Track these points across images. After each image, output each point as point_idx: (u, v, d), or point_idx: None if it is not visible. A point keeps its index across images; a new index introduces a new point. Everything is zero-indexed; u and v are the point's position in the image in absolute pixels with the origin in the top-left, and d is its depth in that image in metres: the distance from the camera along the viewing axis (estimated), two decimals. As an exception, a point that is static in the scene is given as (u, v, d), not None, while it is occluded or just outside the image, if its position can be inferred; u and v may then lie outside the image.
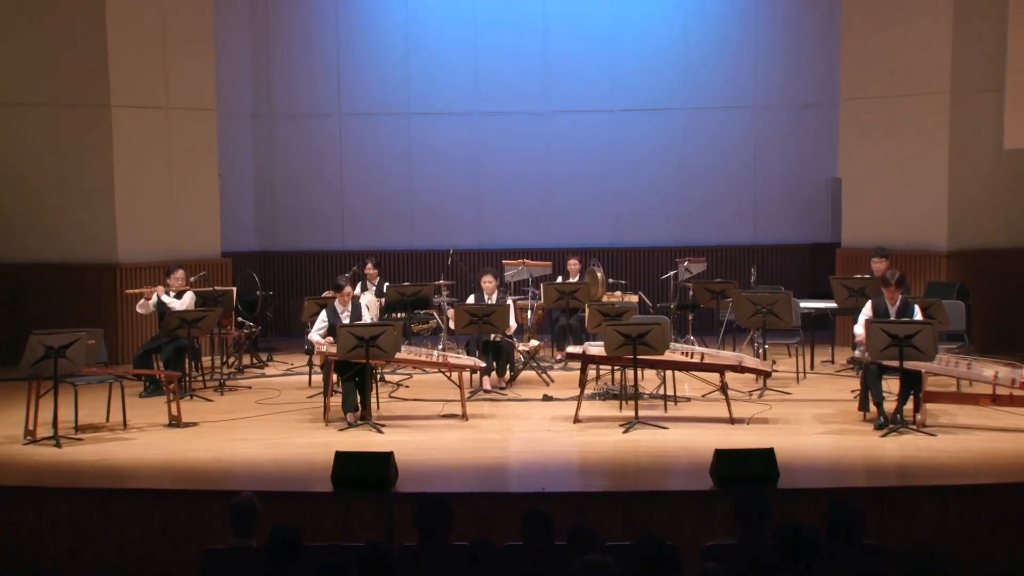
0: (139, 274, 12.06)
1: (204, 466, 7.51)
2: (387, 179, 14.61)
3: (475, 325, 9.78)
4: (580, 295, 11.09)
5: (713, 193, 14.40)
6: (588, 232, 14.40)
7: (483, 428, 8.61)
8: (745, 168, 14.42)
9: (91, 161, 12.02)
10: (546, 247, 14.31)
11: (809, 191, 14.44)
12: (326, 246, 14.71)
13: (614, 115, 14.45)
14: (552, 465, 7.52)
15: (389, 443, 7.77)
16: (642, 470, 7.35)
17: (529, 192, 14.52)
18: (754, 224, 14.48)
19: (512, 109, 14.52)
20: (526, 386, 10.35)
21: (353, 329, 8.45)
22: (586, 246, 14.07)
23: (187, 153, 12.64)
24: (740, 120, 14.39)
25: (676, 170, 14.41)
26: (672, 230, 14.40)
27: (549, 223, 14.53)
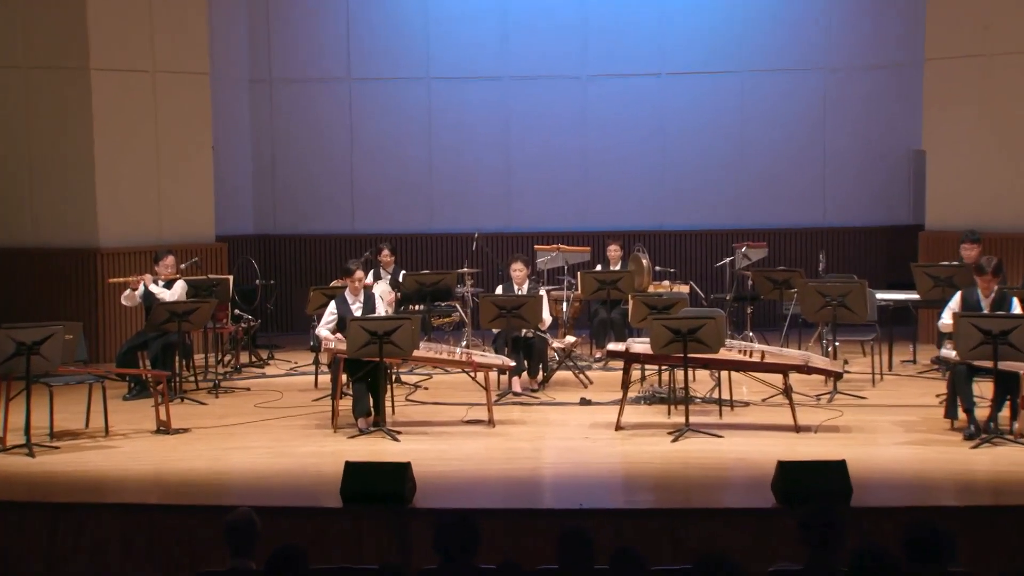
0: (123, 261, 12.15)
1: (197, 478, 7.54)
2: (403, 153, 14.63)
3: (503, 319, 9.77)
4: (622, 285, 11.06)
5: (775, 168, 14.30)
6: (632, 213, 14.36)
7: (512, 436, 8.60)
8: (813, 140, 14.30)
9: (68, 132, 12.10)
10: (584, 230, 14.28)
11: (887, 166, 14.30)
12: (334, 229, 14.76)
13: (661, 79, 14.38)
14: (591, 478, 7.51)
15: (406, 452, 7.78)
16: (694, 484, 7.33)
17: (564, 168, 14.49)
18: (823, 204, 14.37)
19: (545, 73, 14.50)
20: (561, 388, 10.34)
21: (365, 323, 8.46)
22: (629, 229, 14.03)
23: (177, 123, 12.70)
24: (807, 84, 14.27)
25: (732, 142, 14.33)
26: (728, 211, 14.33)
27: (587, 203, 14.50)
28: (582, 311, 12.34)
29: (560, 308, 11.76)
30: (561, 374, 10.69)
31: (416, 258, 14.47)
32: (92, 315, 11.97)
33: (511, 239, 14.37)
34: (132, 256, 12.21)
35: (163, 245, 11.83)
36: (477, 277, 12.84)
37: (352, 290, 9.24)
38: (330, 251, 14.69)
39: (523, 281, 10.41)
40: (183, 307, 9.87)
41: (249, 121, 14.71)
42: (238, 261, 13.28)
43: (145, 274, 10.57)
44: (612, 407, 9.13)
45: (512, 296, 10.02)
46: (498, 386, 10.22)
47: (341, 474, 6.84)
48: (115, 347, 11.44)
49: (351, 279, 9.21)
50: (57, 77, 12.05)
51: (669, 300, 9.72)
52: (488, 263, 13.49)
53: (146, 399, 9.82)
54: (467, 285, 11.84)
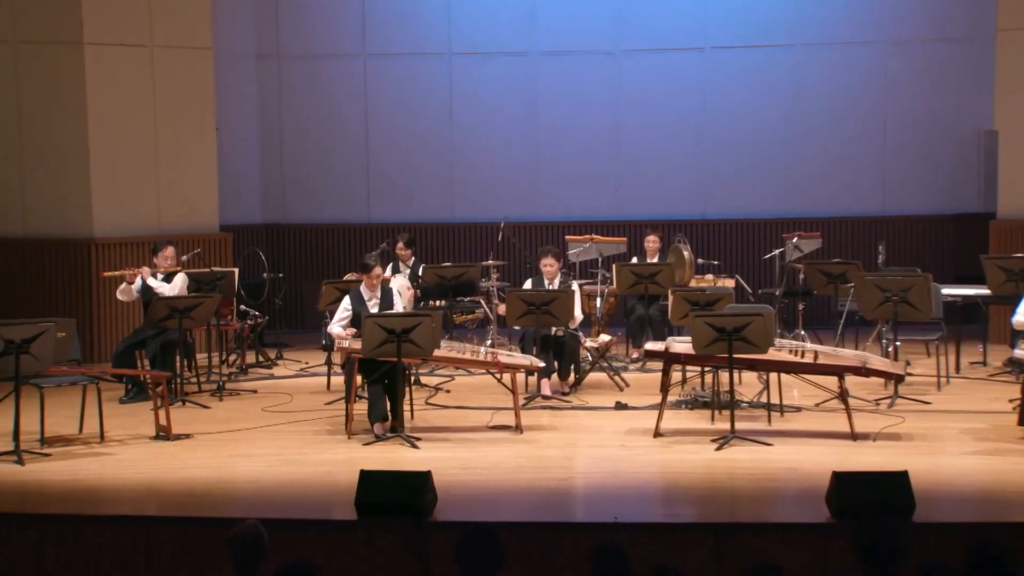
0: (119, 252, 12.21)
1: (199, 488, 7.57)
2: (423, 135, 14.65)
3: (532, 316, 9.76)
4: (662, 279, 11.04)
5: (830, 151, 14.21)
6: (672, 201, 14.31)
7: (541, 443, 8.60)
8: (871, 120, 14.20)
9: (59, 112, 12.17)
10: (620, 219, 14.25)
11: (954, 148, 14.19)
12: (348, 218, 14.79)
13: (705, 54, 14.32)
14: (627, 489, 7.50)
15: (426, 460, 7.78)
16: (740, 497, 7.30)
17: (598, 151, 14.46)
18: (882, 190, 14.28)
19: (576, 47, 14.47)
20: (595, 391, 10.32)
21: (382, 320, 8.48)
22: (669, 218, 13.98)
23: (178, 103, 12.75)
24: (865, 59, 14.16)
25: (783, 123, 14.24)
26: (778, 198, 14.25)
27: (623, 190, 14.47)
28: (617, 307, 12.31)
29: (593, 304, 11.74)
30: (594, 376, 10.67)
31: (437, 250, 14.47)
32: (86, 311, 12.04)
33: (540, 229, 14.35)
34: (129, 247, 12.28)
35: (162, 235, 11.88)
36: (503, 270, 12.83)
37: (369, 286, 9.25)
38: (344, 242, 14.72)
39: (554, 275, 10.39)
40: (184, 302, 9.91)
41: (256, 100, 14.75)
42: (244, 253, 13.33)
43: (143, 267, 10.62)
44: (650, 412, 9.11)
45: (541, 291, 10.01)
46: (526, 389, 10.22)
47: (355, 484, 6.85)
48: (111, 346, 11.51)
49: (369, 276, 9.22)
50: (48, 52, 12.12)
51: (713, 295, 9.68)
52: (515, 255, 13.47)
53: (144, 402, 9.87)
54: (492, 279, 11.83)
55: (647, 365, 11.18)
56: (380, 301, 9.25)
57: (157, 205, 12.63)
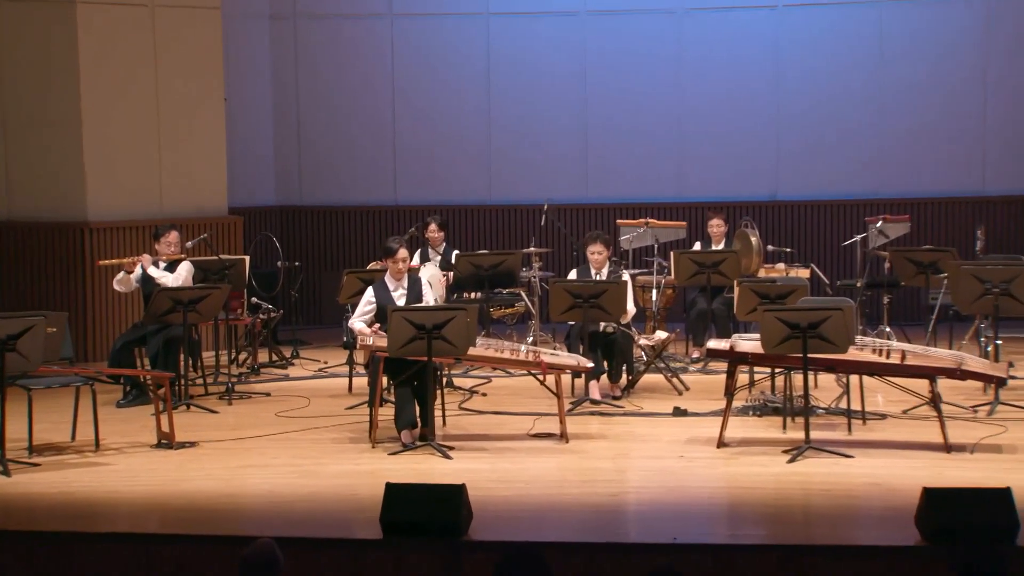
0: (116, 237, 12.28)
1: (206, 502, 7.59)
2: (457, 106, 14.65)
3: (579, 310, 9.74)
4: (726, 268, 10.99)
5: (922, 123, 14.08)
6: (738, 179, 14.26)
7: (590, 453, 8.58)
8: (971, 87, 14.05)
9: (49, 78, 12.24)
10: (679, 201, 14.20)
11: (1067, 119, 14.03)
12: (373, 200, 14.81)
13: (777, 13, 14.23)
14: (687, 507, 7.47)
15: (460, 473, 7.78)
16: (815, 515, 7.26)
17: (656, 124, 14.41)
18: (982, 167, 14.13)
19: (631, 6, 14.42)
20: (650, 395, 10.30)
21: (410, 314, 8.47)
22: (736, 199, 13.94)
23: (181, 68, 12.81)
24: (964, 16, 14.01)
25: (867, 90, 14.13)
26: (861, 176, 14.14)
27: (683, 167, 14.41)
28: (676, 300, 12.26)
29: (648, 297, 11.69)
30: (649, 378, 10.64)
31: (472, 235, 14.47)
32: (79, 304, 12.12)
33: (588, 211, 14.32)
34: (127, 232, 12.34)
35: (165, 219, 11.94)
36: (546, 258, 12.81)
37: (394, 274, 9.25)
38: (368, 226, 14.75)
39: (603, 264, 10.36)
40: (189, 294, 9.95)
41: (269, 66, 14.80)
42: (256, 238, 13.37)
43: (143, 254, 10.67)
44: (713, 419, 9.07)
45: (589, 282, 9.98)
46: (572, 392, 10.20)
47: (380, 499, 6.85)
48: (107, 343, 11.58)
49: (393, 260, 9.21)
50: (37, 12, 12.19)
51: (784, 287, 9.63)
52: (560, 241, 13.44)
53: (144, 406, 9.92)
54: (534, 268, 11.80)
55: (709, 366, 11.13)
56: (408, 292, 9.24)
57: (159, 185, 12.69)
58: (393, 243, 9.25)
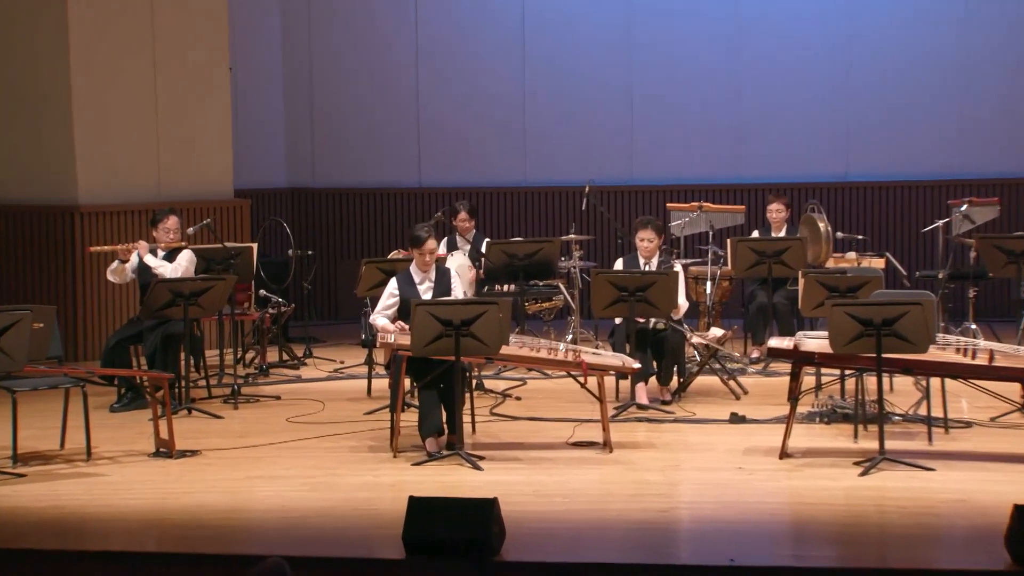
0: (110, 223, 12.31)
1: (209, 518, 7.61)
2: (488, 77, 14.63)
3: (625, 304, 9.72)
4: (789, 258, 10.96)
5: (1013, 92, 13.96)
6: (804, 157, 14.21)
7: (637, 464, 8.56)
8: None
9: (35, 48, 12.27)
10: (737, 182, 14.15)
11: None
12: (394, 181, 14.82)
13: (848, -35, 14.19)
14: (746, 525, 7.44)
15: (491, 485, 7.76)
16: (892, 536, 7.23)
17: (712, 95, 14.38)
18: (1083, 143, 14.04)
19: (684, -37, 14.40)
20: (704, 400, 10.28)
21: (437, 309, 8.47)
22: (801, 180, 13.89)
23: (182, 35, 12.84)
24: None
25: (952, 57, 14.04)
26: (943, 153, 14.05)
27: (741, 144, 14.36)
28: (733, 293, 12.22)
29: (703, 289, 11.66)
30: (704, 380, 10.62)
31: (505, 220, 14.46)
32: (69, 296, 12.16)
33: (635, 194, 14.28)
34: (122, 217, 12.37)
35: (164, 202, 11.96)
36: (588, 246, 12.78)
37: (421, 265, 9.24)
38: (389, 211, 14.75)
39: (653, 253, 10.33)
40: (191, 286, 9.97)
41: (279, 32, 14.83)
42: (265, 224, 13.39)
43: (139, 241, 10.70)
44: (775, 427, 9.06)
45: (637, 273, 9.95)
46: (616, 396, 10.18)
47: (403, 514, 6.85)
48: (100, 340, 11.61)
49: (420, 251, 9.20)
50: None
51: (856, 279, 9.58)
52: (603, 227, 13.40)
53: (141, 410, 9.95)
54: (574, 257, 11.78)
55: (771, 367, 11.12)
56: (435, 285, 9.24)
57: (156, 164, 12.72)
58: (422, 232, 9.22)
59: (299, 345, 12.49)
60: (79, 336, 12.14)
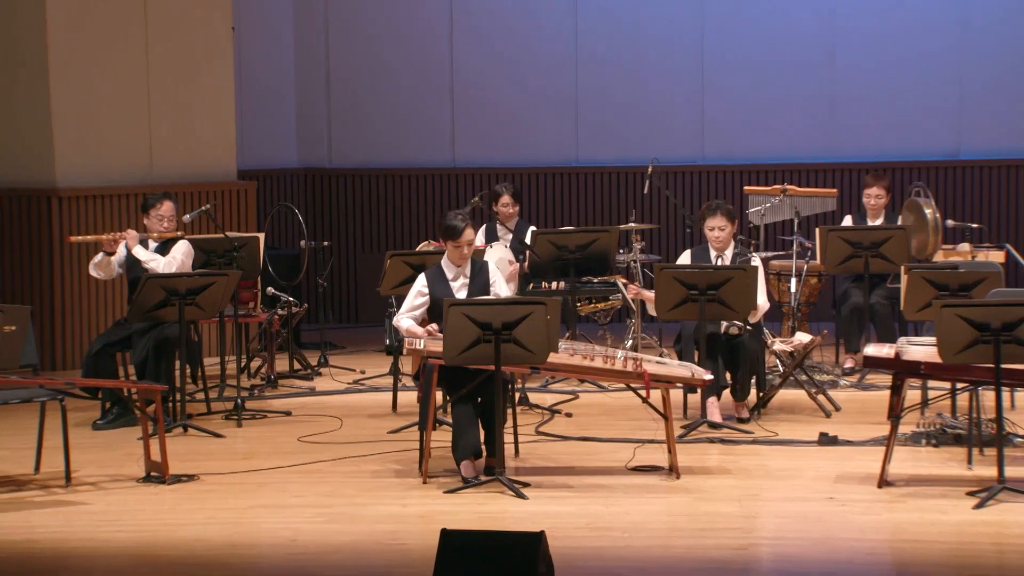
0: (93, 208, 12.34)
1: (208, 554, 7.61)
2: (534, 37, 14.60)
3: (694, 304, 9.69)
4: (890, 250, 10.93)
5: None
6: (907, 133, 14.16)
7: (708, 494, 8.53)
8: None
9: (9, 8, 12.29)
10: (828, 161, 14.09)
11: None
12: (424, 160, 14.81)
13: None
14: (838, 565, 7.41)
15: (537, 517, 7.76)
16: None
17: (797, 57, 14.33)
18: None
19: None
20: (788, 418, 10.27)
21: (473, 310, 8.45)
22: (904, 159, 13.80)
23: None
24: None
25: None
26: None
27: (832, 116, 14.31)
28: (823, 292, 12.15)
29: (786, 287, 11.60)
30: (787, 394, 10.60)
31: (554, 206, 14.44)
32: (46, 294, 12.20)
33: (706, 175, 14.23)
34: (107, 202, 12.40)
35: (156, 185, 11.99)
36: (651, 237, 12.75)
37: (455, 259, 9.22)
38: (418, 195, 14.75)
39: (726, 244, 10.29)
40: (187, 283, 9.98)
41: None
42: (273, 210, 13.40)
43: (128, 230, 10.71)
44: (873, 449, 9.04)
45: (708, 268, 9.91)
46: (684, 412, 10.18)
47: (434, 550, 6.83)
48: (82, 345, 11.64)
49: (456, 243, 9.17)
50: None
51: (970, 275, 9.54)
52: (668, 214, 13.36)
53: (129, 428, 9.98)
54: (635, 249, 11.74)
55: (867, 379, 11.08)
56: (470, 281, 9.23)
57: (148, 141, 12.74)
58: (458, 221, 9.17)
59: (313, 352, 12.51)
60: (57, 341, 12.17)
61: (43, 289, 12.21)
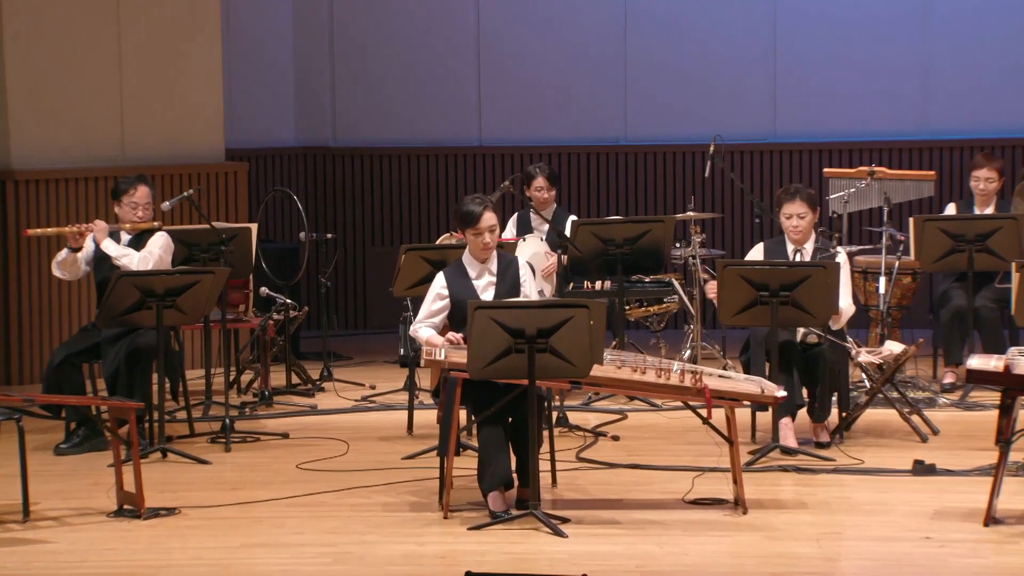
0: (55, 195, 12.38)
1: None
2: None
3: (765, 308, 9.68)
4: (999, 244, 10.94)
5: None
6: (1014, 107, 14.06)
7: (782, 531, 8.52)
8: None
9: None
10: (924, 139, 14.06)
11: None
12: (445, 139, 14.84)
13: None
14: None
15: (579, 558, 7.77)
16: None
17: (886, 17, 14.31)
18: None
19: None
20: (876, 442, 10.28)
21: (503, 314, 8.45)
22: (1015, 135, 13.74)
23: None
24: None
25: None
26: None
27: (928, 87, 14.28)
28: (918, 294, 12.13)
29: (874, 288, 11.58)
30: (875, 414, 10.61)
31: (598, 191, 14.45)
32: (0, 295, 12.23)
33: (778, 154, 14.23)
34: (72, 186, 12.44)
35: (130, 167, 12.01)
36: (712, 227, 12.73)
37: (477, 253, 9.23)
38: (438, 179, 14.77)
39: (805, 236, 10.27)
40: (165, 282, 10.00)
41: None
42: (267, 197, 13.42)
43: (95, 220, 10.73)
44: (978, 480, 9.04)
45: (782, 264, 9.91)
46: (752, 436, 10.19)
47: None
48: (43, 356, 11.67)
49: (475, 231, 9.18)
50: None
51: (1092, 273, 9.49)
52: (734, 200, 13.35)
53: (98, 452, 10.01)
54: (694, 243, 11.73)
55: (971, 396, 11.05)
56: (498, 280, 9.24)
57: (119, 115, 12.78)
58: (474, 205, 9.19)
59: (314, 364, 12.54)
60: (13, 351, 12.23)
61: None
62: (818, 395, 10.12)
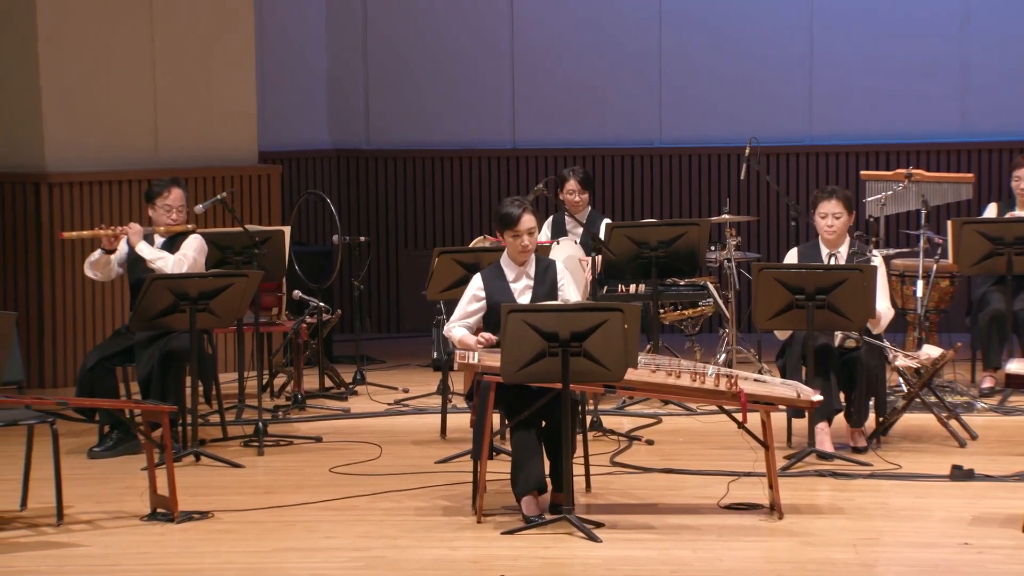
0: (89, 198, 12.39)
1: (222, 604, 7.67)
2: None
3: (801, 312, 9.66)
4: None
5: None
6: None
7: (818, 537, 8.51)
8: None
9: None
10: (961, 140, 14.01)
11: None
12: (478, 142, 14.83)
13: None
14: (974, 623, 7.37)
15: (613, 563, 7.77)
16: None
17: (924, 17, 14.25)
18: None
19: None
20: (913, 447, 10.26)
21: (537, 317, 8.44)
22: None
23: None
24: None
25: None
26: None
27: (966, 87, 14.22)
28: (957, 298, 12.09)
29: (911, 291, 11.54)
30: (913, 419, 10.59)
31: (632, 195, 14.42)
32: (34, 299, 12.26)
33: (815, 157, 14.20)
34: (105, 189, 12.45)
35: (163, 170, 12.02)
36: (748, 230, 12.71)
37: (515, 255, 9.22)
38: (472, 182, 14.76)
39: (840, 237, 10.25)
40: (199, 285, 10.02)
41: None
42: (301, 200, 13.43)
43: (130, 223, 10.75)
44: (1017, 486, 9.04)
45: (819, 268, 9.89)
46: (788, 440, 10.17)
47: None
48: (76, 359, 11.69)
49: (514, 234, 9.18)
50: None
51: None
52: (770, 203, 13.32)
53: (131, 456, 10.04)
54: (729, 246, 11.72)
55: (1010, 401, 11.04)
56: (535, 283, 9.24)
57: (153, 118, 12.80)
58: (513, 207, 9.18)
59: (347, 367, 12.55)
60: (47, 354, 12.24)
61: (30, 293, 12.28)
62: (855, 400, 10.10)
